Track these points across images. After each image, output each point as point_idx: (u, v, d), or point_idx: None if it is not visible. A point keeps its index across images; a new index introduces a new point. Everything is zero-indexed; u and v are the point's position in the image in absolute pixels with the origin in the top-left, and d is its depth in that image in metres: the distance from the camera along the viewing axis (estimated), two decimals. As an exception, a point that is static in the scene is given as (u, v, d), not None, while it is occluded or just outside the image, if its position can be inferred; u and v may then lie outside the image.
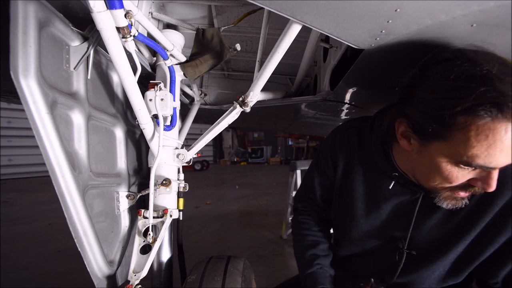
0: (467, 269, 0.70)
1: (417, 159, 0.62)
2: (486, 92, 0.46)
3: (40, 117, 0.54)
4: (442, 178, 0.58)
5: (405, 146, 0.63)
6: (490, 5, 0.46)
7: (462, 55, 0.52)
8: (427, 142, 0.57)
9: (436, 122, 0.52)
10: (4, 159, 7.23)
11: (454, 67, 0.51)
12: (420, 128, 0.57)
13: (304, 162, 2.72)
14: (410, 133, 0.60)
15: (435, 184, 0.61)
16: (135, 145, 1.00)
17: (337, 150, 0.83)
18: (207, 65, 1.00)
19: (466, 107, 0.48)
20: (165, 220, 0.83)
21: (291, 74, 1.58)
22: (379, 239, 0.79)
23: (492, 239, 0.66)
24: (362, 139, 0.79)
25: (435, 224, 0.70)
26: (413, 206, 0.71)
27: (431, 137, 0.55)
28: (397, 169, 0.70)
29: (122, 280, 0.81)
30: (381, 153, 0.72)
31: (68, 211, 0.61)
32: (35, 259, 2.49)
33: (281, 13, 0.54)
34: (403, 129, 0.61)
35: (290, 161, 4.15)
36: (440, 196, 0.62)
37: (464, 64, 0.50)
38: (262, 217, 3.73)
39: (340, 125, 0.89)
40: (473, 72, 0.48)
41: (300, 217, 0.95)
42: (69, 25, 0.64)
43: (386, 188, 0.74)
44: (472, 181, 0.57)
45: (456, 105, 0.49)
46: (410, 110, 0.58)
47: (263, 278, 2.07)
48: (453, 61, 0.52)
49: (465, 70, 0.49)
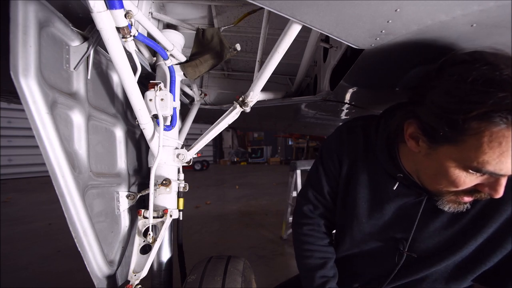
0: (471, 275, 0.68)
1: (424, 161, 0.61)
2: (505, 98, 0.45)
3: (40, 117, 0.54)
4: (448, 182, 0.57)
5: (412, 148, 0.62)
6: (490, 5, 0.46)
7: (481, 57, 0.50)
8: (437, 145, 0.56)
9: (448, 126, 0.51)
10: (4, 159, 7.23)
11: (472, 70, 0.48)
12: (430, 131, 0.55)
13: (304, 162, 2.72)
14: (420, 135, 0.58)
15: (440, 187, 0.60)
16: (135, 145, 1.00)
17: (343, 148, 0.81)
18: (207, 65, 1.00)
19: (482, 113, 0.46)
20: (165, 220, 0.83)
21: (291, 74, 1.58)
22: (380, 240, 0.78)
23: (499, 246, 0.64)
24: (368, 139, 0.78)
25: (439, 227, 0.69)
26: (417, 208, 0.70)
27: (441, 140, 0.54)
28: (402, 170, 0.68)
29: (122, 280, 0.81)
30: (386, 153, 0.71)
31: (68, 211, 0.61)
32: (35, 259, 2.49)
33: (281, 13, 0.54)
34: (412, 130, 0.60)
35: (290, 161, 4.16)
36: (444, 200, 0.61)
37: (483, 67, 0.48)
38: (262, 217, 3.73)
39: (345, 123, 0.86)
40: (492, 77, 0.46)
41: (305, 228, 0.89)
42: (69, 25, 0.64)
43: (390, 189, 0.72)
44: (479, 187, 0.55)
45: (472, 110, 0.47)
46: (422, 111, 0.56)
47: (263, 278, 2.07)
48: (472, 63, 0.50)
49: (483, 74, 0.47)
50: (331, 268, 0.84)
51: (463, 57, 0.52)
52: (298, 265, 0.89)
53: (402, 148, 0.68)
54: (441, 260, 0.69)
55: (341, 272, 0.88)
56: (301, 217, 0.92)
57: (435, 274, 0.72)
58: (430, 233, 0.70)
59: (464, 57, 0.52)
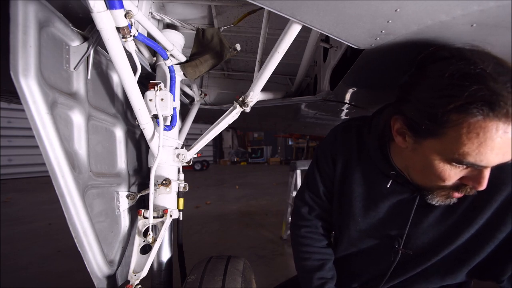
0: (466, 268, 0.70)
1: (411, 157, 0.63)
2: (479, 90, 0.47)
3: (40, 117, 0.54)
4: (435, 176, 0.59)
5: (400, 143, 0.64)
6: (490, 5, 0.46)
7: (458, 53, 0.53)
8: (421, 139, 0.58)
9: (430, 119, 0.53)
10: (4, 159, 7.23)
11: (450, 66, 0.51)
12: (415, 125, 0.58)
13: (304, 162, 2.72)
14: (405, 130, 0.61)
15: (429, 183, 0.62)
16: (135, 145, 1.00)
17: (337, 149, 0.83)
18: (207, 65, 1.00)
19: (458, 105, 0.49)
20: (165, 220, 0.83)
21: (291, 74, 1.58)
22: (376, 238, 0.79)
23: (491, 236, 0.66)
24: (361, 139, 0.80)
25: (432, 222, 0.71)
26: (411, 205, 0.71)
27: (424, 134, 0.56)
28: (395, 168, 0.70)
29: (122, 280, 0.81)
30: (379, 152, 0.73)
31: (68, 211, 0.61)
32: (35, 259, 2.49)
33: (281, 13, 0.54)
34: (398, 126, 0.62)
35: (290, 161, 4.15)
36: (434, 195, 0.63)
37: (460, 63, 0.51)
38: (262, 217, 3.73)
39: (340, 124, 0.88)
40: (468, 71, 0.49)
41: (302, 230, 0.90)
42: (69, 25, 0.64)
43: (384, 187, 0.74)
44: (464, 180, 0.57)
45: (449, 103, 0.49)
46: (406, 107, 0.59)
47: (263, 278, 2.07)
48: (450, 59, 0.53)
49: (460, 69, 0.50)
50: (329, 270, 0.85)
51: (443, 54, 0.55)
52: (297, 267, 0.90)
53: (394, 146, 0.70)
54: (436, 255, 0.71)
55: (340, 272, 0.88)
56: (299, 219, 0.92)
57: (431, 270, 0.73)
58: (424, 229, 0.71)
59: (444, 54, 0.55)
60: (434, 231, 0.71)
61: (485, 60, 0.50)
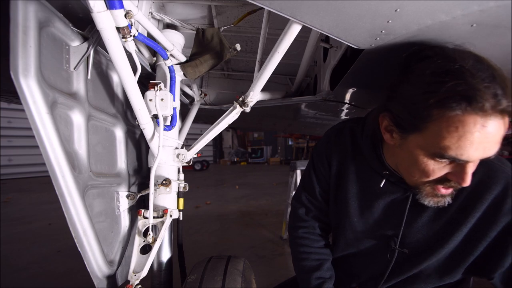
0: (463, 266, 0.70)
1: (399, 153, 0.65)
2: (457, 85, 0.49)
3: (40, 117, 0.54)
4: (419, 171, 0.60)
5: (388, 140, 0.65)
6: (490, 5, 0.46)
7: (441, 52, 0.56)
8: (406, 134, 0.60)
9: (413, 115, 0.56)
10: (4, 159, 7.24)
11: (432, 64, 0.54)
12: (400, 121, 0.60)
13: (304, 162, 2.72)
14: (392, 127, 0.63)
15: (415, 179, 0.63)
16: (135, 145, 1.00)
17: (332, 150, 0.84)
18: (207, 65, 1.00)
19: (438, 100, 0.51)
20: (165, 220, 0.83)
21: (291, 74, 1.58)
22: (372, 238, 0.79)
23: (484, 234, 0.67)
24: (355, 139, 0.81)
25: (426, 221, 0.72)
26: (404, 204, 0.72)
27: (409, 129, 0.58)
28: (388, 168, 0.71)
29: (122, 280, 0.81)
30: (372, 152, 0.74)
31: (68, 211, 0.61)
32: (35, 259, 2.49)
33: (281, 13, 0.54)
34: (386, 123, 0.64)
35: (290, 161, 4.16)
36: (422, 193, 0.64)
37: (441, 61, 0.53)
38: (262, 217, 3.73)
39: (334, 126, 0.89)
40: (448, 68, 0.51)
41: (300, 231, 0.90)
42: (69, 25, 0.64)
43: (377, 187, 0.75)
44: (449, 176, 0.59)
45: (430, 98, 0.52)
46: (392, 104, 0.61)
47: (263, 278, 2.07)
48: (433, 58, 0.55)
49: (441, 66, 0.52)
50: (327, 270, 0.86)
51: (426, 53, 0.58)
52: (295, 267, 0.90)
53: (386, 146, 0.71)
54: (432, 254, 0.71)
55: (339, 272, 0.88)
56: (296, 220, 0.93)
57: (428, 269, 0.73)
58: (419, 228, 0.72)
59: (427, 53, 0.58)
60: (429, 230, 0.71)
61: (465, 57, 0.52)
